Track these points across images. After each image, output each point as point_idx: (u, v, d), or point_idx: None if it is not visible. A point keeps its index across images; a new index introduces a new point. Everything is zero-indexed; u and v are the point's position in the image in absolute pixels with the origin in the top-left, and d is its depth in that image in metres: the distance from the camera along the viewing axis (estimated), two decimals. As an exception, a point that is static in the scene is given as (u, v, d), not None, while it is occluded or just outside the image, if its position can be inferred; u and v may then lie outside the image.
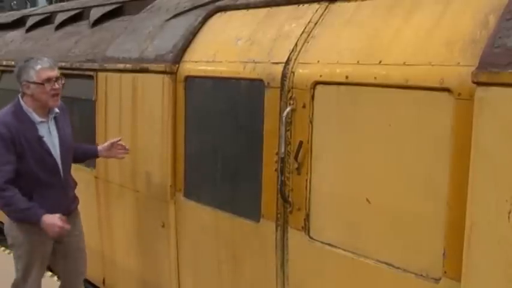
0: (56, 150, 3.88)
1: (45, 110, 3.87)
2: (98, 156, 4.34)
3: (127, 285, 4.91)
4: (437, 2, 2.71)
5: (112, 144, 4.22)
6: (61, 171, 3.90)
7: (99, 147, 4.29)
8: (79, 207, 4.22)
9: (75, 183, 4.18)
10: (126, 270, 4.86)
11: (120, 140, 4.23)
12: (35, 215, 3.73)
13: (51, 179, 3.85)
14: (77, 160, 4.26)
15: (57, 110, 3.92)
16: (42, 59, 3.87)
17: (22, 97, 3.84)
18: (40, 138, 3.80)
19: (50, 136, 3.87)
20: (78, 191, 4.20)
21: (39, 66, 3.77)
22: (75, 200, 4.18)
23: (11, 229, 3.95)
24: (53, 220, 3.71)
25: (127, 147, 4.25)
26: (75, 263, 4.18)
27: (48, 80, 3.76)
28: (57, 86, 3.80)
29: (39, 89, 3.76)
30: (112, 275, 5.05)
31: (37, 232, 3.84)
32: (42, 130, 3.83)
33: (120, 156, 4.25)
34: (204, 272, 4.03)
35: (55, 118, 3.92)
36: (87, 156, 4.38)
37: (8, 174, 3.69)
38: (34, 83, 3.76)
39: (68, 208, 4.03)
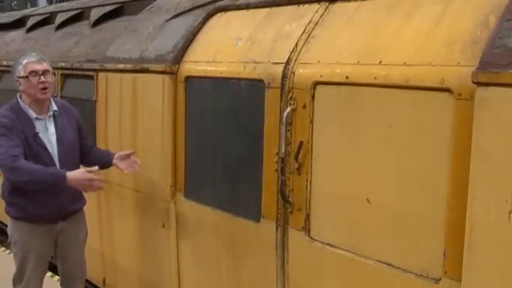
0: (52, 147, 3.87)
1: (43, 107, 3.90)
2: (111, 165, 4.13)
3: (127, 285, 4.90)
4: (438, 2, 2.71)
5: (126, 155, 4.10)
6: (58, 167, 3.85)
7: (115, 156, 4.11)
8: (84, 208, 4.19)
9: None
10: (126, 270, 4.86)
11: (133, 153, 4.13)
12: (58, 173, 3.65)
13: None
14: (91, 163, 4.06)
15: (55, 108, 3.95)
16: (30, 53, 3.93)
17: (19, 95, 3.91)
18: (36, 134, 3.82)
19: (46, 133, 3.88)
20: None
21: (25, 61, 3.83)
22: (78, 201, 4.11)
23: (10, 227, 3.98)
24: (80, 175, 3.64)
25: (139, 163, 4.10)
26: (74, 267, 4.19)
27: (34, 73, 3.79)
28: (43, 79, 3.80)
29: (27, 82, 3.81)
30: (112, 275, 5.05)
31: (32, 232, 3.85)
32: (39, 126, 3.86)
33: (126, 172, 4.08)
34: (205, 272, 4.03)
35: (54, 116, 3.94)
36: (105, 160, 4.17)
37: (17, 151, 3.64)
38: (22, 77, 3.82)
39: (66, 207, 3.97)
